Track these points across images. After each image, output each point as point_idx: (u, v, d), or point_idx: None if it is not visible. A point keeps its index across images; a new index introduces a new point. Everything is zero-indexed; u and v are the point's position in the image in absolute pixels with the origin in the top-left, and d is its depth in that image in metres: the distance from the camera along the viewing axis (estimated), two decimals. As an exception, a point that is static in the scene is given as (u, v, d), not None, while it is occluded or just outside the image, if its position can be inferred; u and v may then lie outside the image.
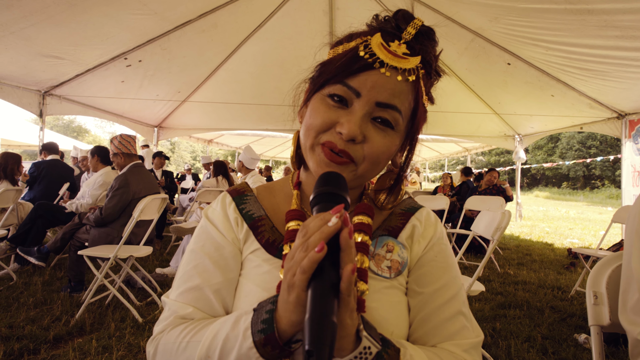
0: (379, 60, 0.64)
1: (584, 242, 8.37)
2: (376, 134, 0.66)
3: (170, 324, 0.69)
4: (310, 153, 0.69)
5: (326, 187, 0.60)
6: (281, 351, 0.57)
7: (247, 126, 9.99)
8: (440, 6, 4.77)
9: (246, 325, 0.59)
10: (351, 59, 0.66)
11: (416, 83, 0.68)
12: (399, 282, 0.73)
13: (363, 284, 0.64)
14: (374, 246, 0.74)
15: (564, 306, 3.80)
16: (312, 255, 0.50)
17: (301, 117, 0.75)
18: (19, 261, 4.38)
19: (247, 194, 0.83)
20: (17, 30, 4.09)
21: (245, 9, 5.19)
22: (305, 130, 0.69)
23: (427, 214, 0.82)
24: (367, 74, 0.65)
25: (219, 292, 0.71)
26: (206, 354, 0.61)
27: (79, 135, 42.99)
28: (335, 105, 0.66)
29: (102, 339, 2.77)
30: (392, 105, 0.65)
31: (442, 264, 0.76)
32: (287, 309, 0.55)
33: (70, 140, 14.76)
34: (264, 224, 0.77)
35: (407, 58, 0.66)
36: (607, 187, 31.73)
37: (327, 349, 0.45)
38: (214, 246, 0.75)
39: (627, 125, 6.20)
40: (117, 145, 3.91)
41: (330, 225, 0.52)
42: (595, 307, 1.07)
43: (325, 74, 0.69)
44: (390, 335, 0.67)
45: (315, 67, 0.73)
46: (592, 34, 3.86)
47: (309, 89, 0.73)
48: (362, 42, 0.67)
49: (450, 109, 7.90)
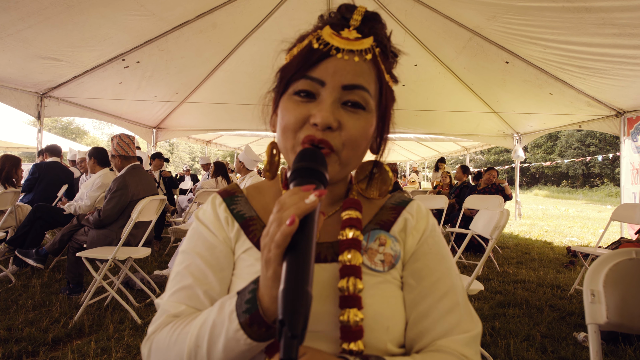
0: (334, 47, 0.66)
1: (583, 240, 8.38)
2: (350, 118, 0.66)
3: (163, 322, 0.68)
4: (292, 154, 0.68)
5: (303, 162, 0.61)
6: (268, 329, 0.57)
7: (245, 127, 9.98)
8: (437, 5, 4.77)
9: (231, 309, 0.59)
10: (307, 52, 0.67)
11: (375, 61, 0.69)
12: (392, 276, 0.73)
13: (359, 282, 0.64)
14: (367, 240, 0.74)
15: (563, 305, 3.81)
16: (284, 229, 0.50)
17: (273, 125, 0.77)
18: (17, 263, 4.38)
19: (237, 194, 0.83)
20: (14, 32, 4.08)
21: (243, 9, 5.18)
22: (282, 132, 0.69)
23: (418, 206, 0.81)
24: (326, 62, 0.66)
25: (210, 291, 0.71)
26: (195, 343, 0.61)
27: (77, 137, 42.95)
28: (304, 100, 0.67)
29: (101, 340, 2.77)
30: (358, 84, 0.66)
31: (436, 256, 0.76)
32: (267, 285, 0.55)
33: (69, 142, 14.74)
34: (255, 223, 0.77)
35: (360, 40, 0.67)
36: (606, 185, 31.74)
37: (302, 318, 0.45)
38: (205, 246, 0.75)
39: (626, 123, 6.20)
40: (115, 146, 3.91)
41: (307, 203, 0.52)
42: (592, 306, 1.07)
43: (286, 75, 0.70)
44: (386, 331, 0.66)
45: (276, 75, 0.75)
46: (590, 32, 3.86)
47: (275, 96, 0.74)
48: (314, 36, 0.69)
49: (449, 107, 7.90)
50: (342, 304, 0.64)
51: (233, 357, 0.59)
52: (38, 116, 5.90)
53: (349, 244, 0.68)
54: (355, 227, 0.69)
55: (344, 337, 0.62)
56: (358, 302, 0.62)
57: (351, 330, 0.62)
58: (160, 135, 9.38)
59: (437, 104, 7.79)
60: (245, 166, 5.30)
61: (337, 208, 0.78)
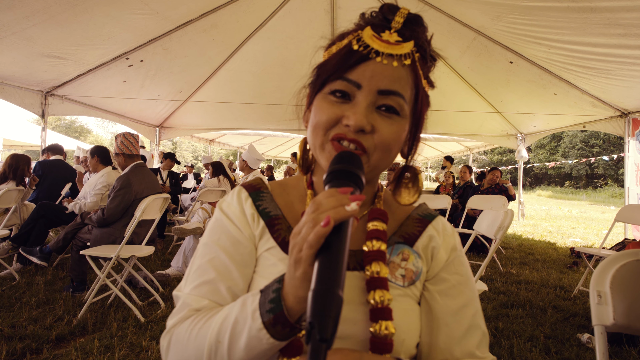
0: (373, 50, 0.65)
1: (587, 241, 8.34)
2: (383, 122, 0.66)
3: (185, 316, 0.68)
4: (321, 151, 0.69)
5: (341, 164, 0.60)
6: (291, 330, 0.57)
7: (248, 126, 9.98)
8: (442, 5, 4.76)
9: (254, 307, 0.59)
10: (347, 53, 0.67)
11: (413, 66, 0.68)
12: (411, 291, 0.73)
13: (387, 294, 0.64)
14: (390, 254, 0.74)
15: (567, 305, 3.79)
16: (319, 229, 0.50)
17: (306, 121, 0.76)
18: (21, 261, 4.39)
19: (263, 190, 0.82)
20: (19, 30, 4.10)
21: (247, 8, 5.19)
22: (313, 130, 0.69)
23: (444, 224, 0.81)
24: (365, 65, 0.65)
25: (234, 288, 0.71)
26: (216, 339, 0.61)
27: (80, 135, 43.05)
28: (338, 100, 0.67)
29: (104, 338, 2.78)
30: (394, 91, 0.66)
31: (464, 278, 0.77)
32: (294, 285, 0.55)
33: (73, 140, 14.80)
34: (280, 222, 0.77)
35: (401, 44, 0.66)
36: (610, 186, 31.61)
37: (331, 321, 0.44)
38: (230, 241, 0.74)
39: (631, 124, 6.17)
40: (119, 145, 3.91)
41: (348, 210, 0.52)
42: (599, 307, 1.06)
43: (323, 73, 0.69)
44: (401, 343, 0.67)
45: (312, 71, 0.74)
46: (595, 32, 3.84)
47: (310, 93, 0.74)
48: (355, 37, 0.68)
49: (453, 107, 7.88)
50: (373, 317, 0.64)
51: (254, 355, 0.59)
52: (42, 114, 5.92)
53: (374, 255, 0.67)
54: (381, 239, 0.69)
55: (374, 348, 0.63)
56: (389, 314, 0.63)
57: (383, 342, 0.63)
58: (164, 134, 9.40)
59: (440, 103, 7.77)
60: (248, 165, 5.30)
61: (364, 212, 0.78)
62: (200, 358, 0.62)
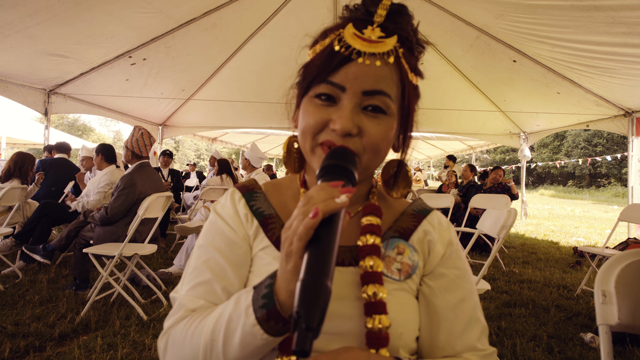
0: (355, 51, 0.64)
1: (590, 240, 8.31)
2: (370, 123, 0.66)
3: (181, 317, 0.68)
4: (312, 155, 0.69)
5: (333, 159, 0.61)
6: (285, 324, 0.57)
7: (251, 124, 9.99)
8: (445, 3, 4.74)
9: (247, 303, 0.59)
10: (328, 55, 0.66)
11: (398, 63, 0.67)
12: (408, 285, 0.73)
13: (382, 288, 0.64)
14: (385, 248, 0.74)
15: (570, 305, 3.78)
16: (307, 221, 0.51)
17: (295, 121, 0.76)
18: (24, 259, 4.41)
19: (256, 191, 0.82)
20: (22, 29, 4.11)
21: (250, 6, 5.18)
22: (302, 133, 0.69)
23: (439, 218, 0.81)
24: (347, 67, 0.65)
25: (229, 288, 0.71)
26: (211, 337, 0.61)
27: (83, 133, 43.16)
28: (324, 103, 0.67)
29: (107, 336, 2.78)
30: (379, 90, 0.65)
31: (462, 272, 0.77)
32: (285, 278, 0.55)
33: (75, 139, 14.82)
34: (274, 222, 0.77)
35: (383, 41, 0.65)
36: (613, 186, 31.49)
37: (319, 311, 0.44)
38: (225, 242, 0.75)
39: (634, 123, 6.15)
40: (133, 142, 3.90)
41: (337, 202, 0.52)
42: (603, 307, 1.06)
43: (308, 76, 0.69)
44: (399, 337, 0.67)
45: (299, 71, 0.74)
46: (599, 30, 3.82)
47: (298, 94, 0.74)
48: (336, 36, 0.67)
49: (455, 106, 7.86)
50: (367, 311, 0.64)
51: (249, 351, 0.59)
52: (45, 113, 5.94)
53: (369, 250, 0.67)
54: (376, 233, 0.68)
55: (370, 343, 0.63)
56: (383, 308, 0.62)
57: (378, 337, 0.62)
58: (166, 133, 9.41)
59: (443, 102, 7.76)
60: (251, 163, 5.31)
61: (358, 209, 0.78)
62: (196, 357, 0.62)
